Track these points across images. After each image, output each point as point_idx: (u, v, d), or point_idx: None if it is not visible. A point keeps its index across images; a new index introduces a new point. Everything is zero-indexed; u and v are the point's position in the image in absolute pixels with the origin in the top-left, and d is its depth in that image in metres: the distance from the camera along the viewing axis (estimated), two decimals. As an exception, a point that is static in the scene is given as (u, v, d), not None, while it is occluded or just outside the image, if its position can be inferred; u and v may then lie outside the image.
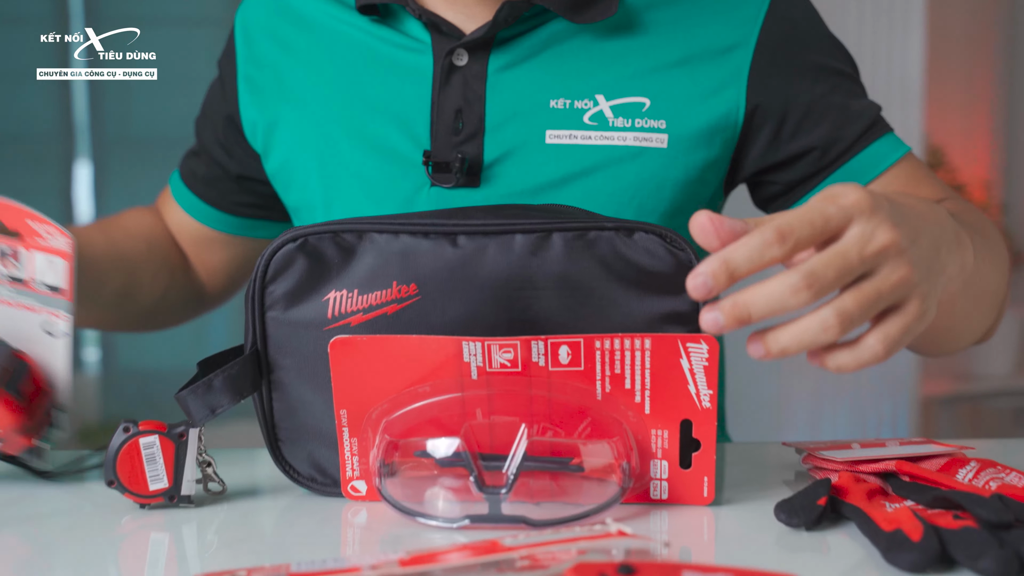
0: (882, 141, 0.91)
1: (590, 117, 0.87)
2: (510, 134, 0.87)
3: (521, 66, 0.87)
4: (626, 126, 0.87)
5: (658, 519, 0.66)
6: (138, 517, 0.68)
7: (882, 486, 0.70)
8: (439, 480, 0.65)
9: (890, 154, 0.90)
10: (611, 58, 0.88)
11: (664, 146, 0.87)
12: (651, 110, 0.87)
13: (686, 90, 0.87)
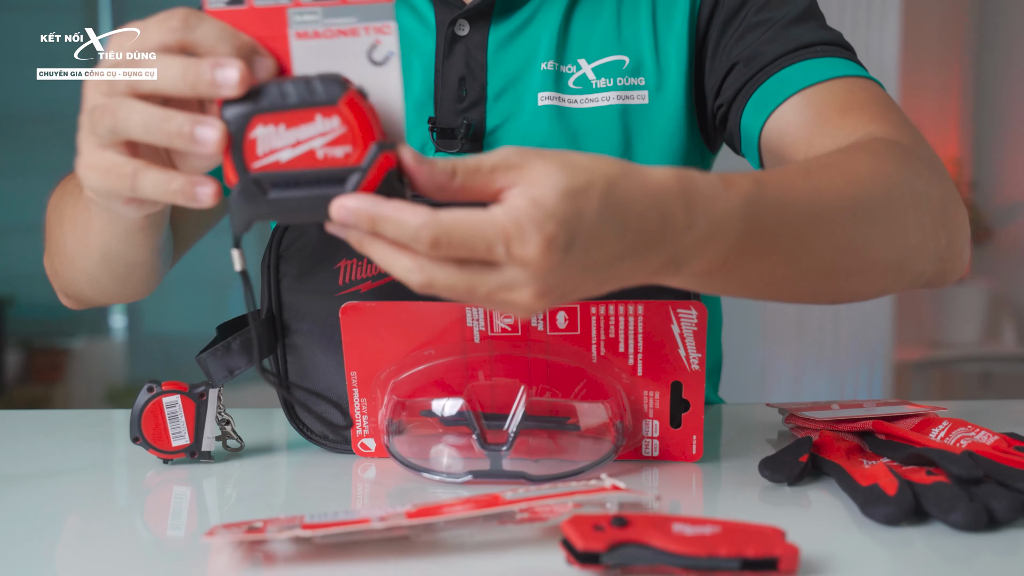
0: (819, 61, 0.78)
1: (574, 81, 0.85)
2: (509, 100, 0.86)
3: (519, 34, 0.86)
4: (608, 86, 0.85)
5: (650, 475, 0.66)
6: (162, 472, 0.68)
7: (860, 444, 0.70)
8: (443, 438, 0.65)
9: (820, 72, 0.77)
10: (591, 18, 0.86)
11: (646, 102, 0.85)
12: (630, 68, 0.85)
13: (656, 42, 0.86)
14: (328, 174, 0.49)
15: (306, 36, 0.52)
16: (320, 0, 0.51)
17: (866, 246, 0.62)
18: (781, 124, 0.77)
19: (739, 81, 0.81)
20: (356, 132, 0.49)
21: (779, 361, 3.16)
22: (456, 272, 0.48)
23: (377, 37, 0.51)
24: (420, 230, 0.47)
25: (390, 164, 0.49)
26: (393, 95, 0.52)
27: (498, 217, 0.47)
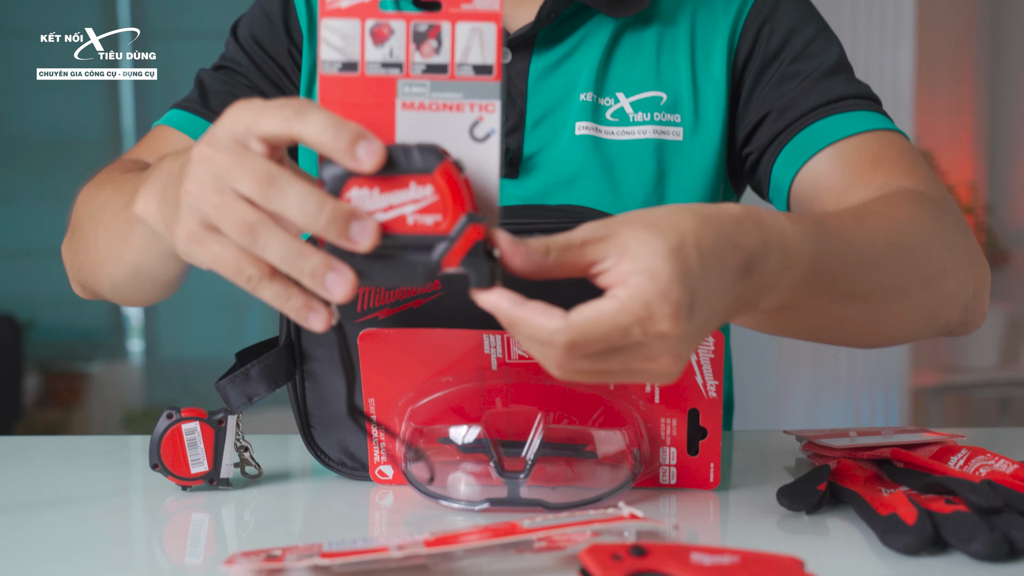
0: (851, 114, 0.82)
1: (612, 113, 0.87)
2: (547, 128, 0.87)
3: (559, 65, 0.88)
4: (645, 120, 0.87)
5: (667, 503, 0.66)
6: (180, 498, 0.68)
7: (878, 472, 0.70)
8: (461, 465, 0.65)
9: (852, 126, 0.81)
10: (632, 53, 0.88)
11: (681, 138, 0.87)
12: (667, 104, 0.87)
13: (695, 83, 0.87)
14: (417, 240, 0.50)
15: (412, 107, 0.53)
16: (430, 74, 0.52)
17: (909, 292, 0.65)
18: (814, 175, 0.81)
19: (773, 131, 0.84)
20: (448, 202, 0.50)
21: (794, 386, 3.15)
22: (595, 361, 0.50)
23: (481, 114, 0.53)
24: (554, 335, 0.48)
25: (478, 236, 0.50)
26: (490, 173, 0.53)
27: (626, 303, 0.49)
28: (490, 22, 0.52)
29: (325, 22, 0.52)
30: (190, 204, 0.51)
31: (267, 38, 0.91)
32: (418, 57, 0.53)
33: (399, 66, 0.53)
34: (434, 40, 0.52)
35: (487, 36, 0.52)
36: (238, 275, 0.51)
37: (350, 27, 0.52)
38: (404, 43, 0.52)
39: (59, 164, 3.60)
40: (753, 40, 0.88)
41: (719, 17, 0.89)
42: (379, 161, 0.49)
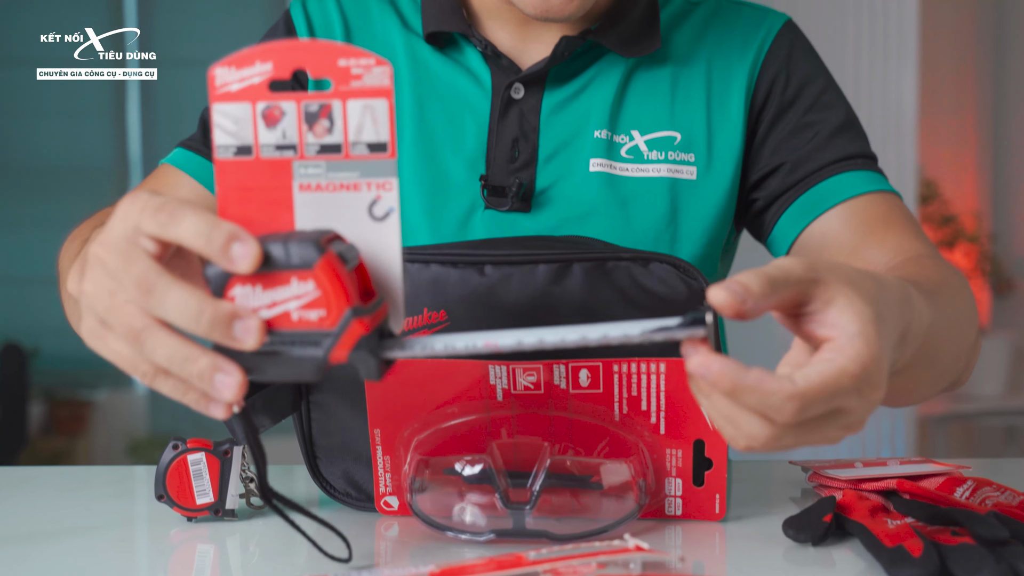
0: (858, 174, 0.86)
1: (627, 151, 0.88)
2: (560, 163, 0.87)
3: (571, 101, 0.88)
4: (659, 158, 0.88)
5: (673, 534, 0.66)
6: (185, 529, 0.68)
7: (884, 503, 0.69)
8: (466, 496, 0.65)
9: (861, 185, 0.85)
10: (646, 91, 0.89)
11: (694, 178, 0.88)
12: (681, 144, 0.88)
13: (709, 124, 0.88)
14: (303, 336, 0.50)
15: (309, 188, 0.52)
16: (324, 154, 0.52)
17: (957, 358, 0.72)
18: (825, 229, 0.85)
19: (786, 183, 0.87)
20: (330, 296, 0.49)
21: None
22: (804, 430, 0.49)
23: (379, 193, 0.52)
24: (786, 403, 0.47)
25: (363, 330, 0.50)
26: (391, 251, 0.52)
27: (847, 367, 0.48)
28: (381, 98, 0.52)
29: (216, 107, 0.52)
30: (88, 303, 0.51)
31: None
32: (311, 138, 0.52)
33: (293, 147, 0.52)
34: (326, 120, 0.52)
35: (379, 113, 0.52)
36: (134, 370, 0.51)
37: (241, 111, 0.52)
38: (296, 124, 0.52)
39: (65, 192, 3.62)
40: (770, 86, 0.89)
41: (735, 62, 0.90)
42: (254, 261, 0.48)
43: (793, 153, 0.88)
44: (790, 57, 0.90)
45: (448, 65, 0.90)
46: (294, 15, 0.93)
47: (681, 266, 0.68)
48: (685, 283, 0.68)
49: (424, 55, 0.90)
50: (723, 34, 0.91)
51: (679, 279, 0.68)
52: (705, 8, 0.93)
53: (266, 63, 0.52)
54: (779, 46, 0.90)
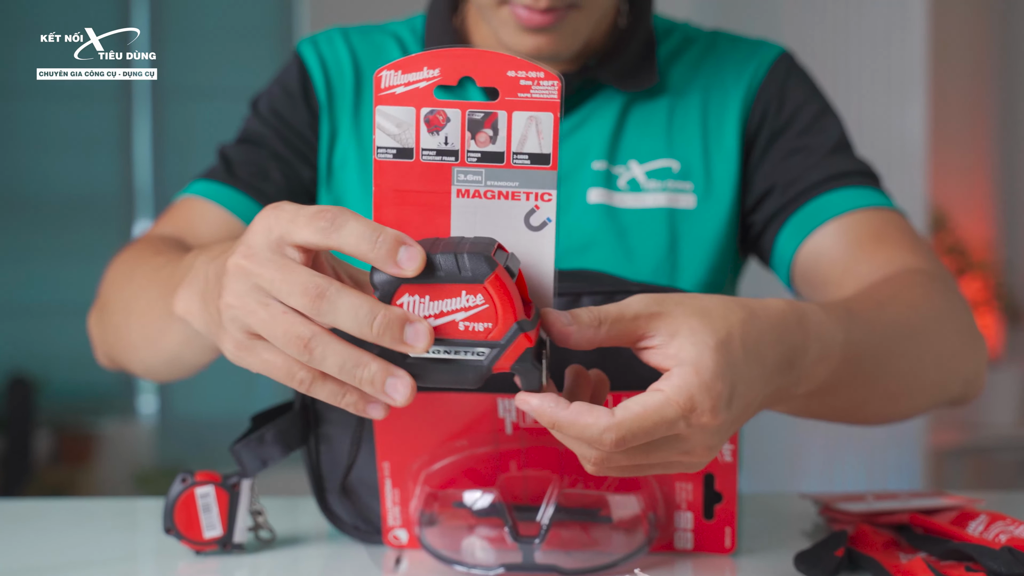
0: (853, 189, 0.86)
1: (626, 182, 0.89)
2: (559, 196, 0.88)
3: (571, 134, 0.89)
4: (657, 188, 0.89)
5: (683, 568, 0.66)
6: (193, 563, 0.68)
7: (896, 538, 0.69)
8: (476, 529, 0.65)
9: (854, 201, 0.85)
10: (644, 123, 0.90)
11: (692, 206, 0.89)
12: (680, 173, 0.89)
13: (706, 152, 0.89)
14: (468, 345, 0.51)
15: (467, 195, 0.53)
16: (485, 162, 0.52)
17: (923, 372, 0.71)
18: (818, 247, 0.85)
19: (778, 203, 0.88)
20: (498, 310, 0.50)
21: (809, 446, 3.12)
22: (635, 455, 0.52)
23: (537, 203, 0.53)
24: (604, 434, 0.50)
25: (528, 343, 0.51)
26: (545, 261, 0.53)
27: (672, 397, 0.50)
28: (548, 112, 0.52)
29: (380, 109, 0.52)
30: (233, 316, 0.51)
31: (288, 111, 0.92)
32: (473, 145, 0.52)
33: (454, 154, 0.52)
34: (490, 129, 0.52)
35: (544, 126, 0.52)
36: (290, 379, 0.51)
37: (405, 114, 0.52)
38: (459, 131, 0.52)
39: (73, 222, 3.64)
40: (763, 111, 0.90)
41: (729, 90, 0.91)
42: (420, 265, 0.49)
43: (786, 175, 0.88)
44: (784, 84, 0.91)
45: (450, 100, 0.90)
46: (305, 55, 0.93)
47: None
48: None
49: None
50: (718, 64, 0.92)
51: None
52: (701, 43, 0.94)
53: (434, 68, 0.52)
54: (774, 74, 0.92)
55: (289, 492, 0.96)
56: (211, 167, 0.93)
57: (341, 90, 0.93)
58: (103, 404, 3.63)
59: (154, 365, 0.79)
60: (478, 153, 0.52)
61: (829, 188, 0.86)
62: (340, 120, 0.92)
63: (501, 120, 0.52)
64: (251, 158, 0.91)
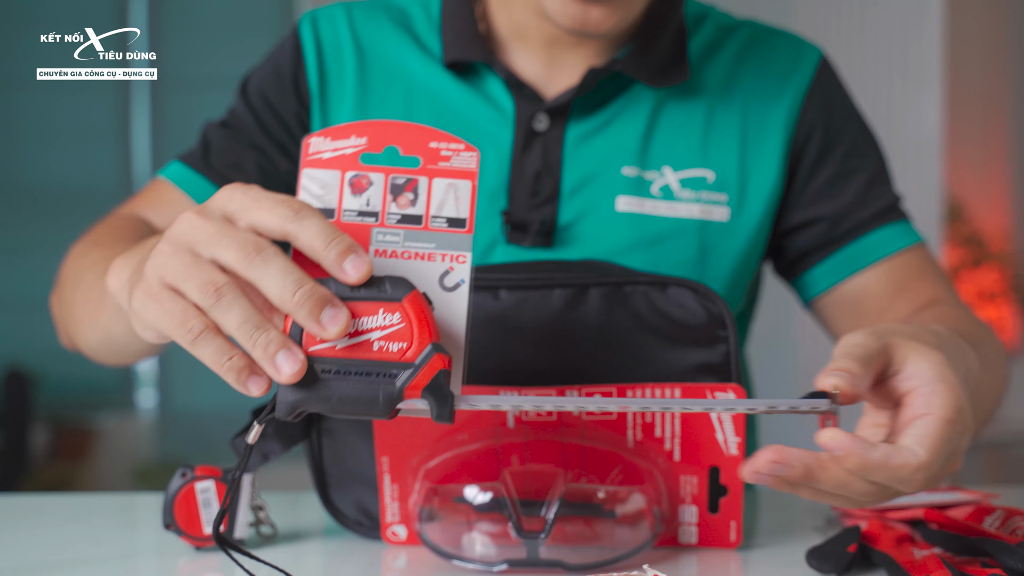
0: (895, 226, 0.90)
1: (658, 189, 0.87)
2: (584, 199, 0.86)
3: (597, 134, 0.87)
4: (691, 198, 0.87)
5: (688, 563, 0.66)
6: (194, 559, 0.68)
7: (911, 533, 0.69)
8: (477, 525, 0.65)
9: (898, 240, 0.89)
10: (678, 125, 0.88)
11: (726, 219, 0.88)
12: (715, 184, 0.88)
13: (743, 163, 0.88)
14: (380, 367, 0.51)
15: (384, 255, 0.55)
16: (404, 224, 0.55)
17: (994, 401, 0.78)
18: (862, 287, 0.89)
19: (822, 237, 0.90)
20: (414, 330, 0.51)
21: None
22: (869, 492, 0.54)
23: (452, 264, 0.55)
24: (916, 474, 0.53)
25: (443, 365, 0.51)
26: (457, 321, 0.55)
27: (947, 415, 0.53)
28: (466, 180, 0.56)
29: (306, 172, 0.55)
30: (156, 263, 0.52)
31: (276, 96, 0.91)
32: (394, 207, 0.56)
33: (375, 215, 0.56)
34: (411, 192, 0.56)
35: (462, 192, 0.56)
36: (181, 328, 0.51)
37: (330, 177, 0.56)
38: (382, 194, 0.56)
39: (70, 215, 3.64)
40: (809, 129, 0.90)
41: (772, 98, 0.89)
42: (365, 274, 0.51)
43: (832, 205, 0.89)
44: (830, 99, 0.91)
45: (468, 94, 0.88)
46: (303, 34, 0.91)
47: (699, 290, 0.68)
48: (704, 307, 0.68)
49: (443, 83, 0.89)
50: (759, 67, 0.90)
51: (697, 303, 0.68)
52: (739, 37, 0.92)
53: (361, 137, 0.56)
54: (819, 86, 0.90)
55: (290, 487, 0.96)
56: (192, 148, 0.93)
57: (338, 79, 0.91)
58: (102, 398, 3.64)
59: (93, 343, 0.79)
60: (398, 215, 0.55)
61: (874, 227, 0.89)
62: (335, 112, 0.90)
63: (422, 185, 0.56)
64: (229, 145, 0.91)
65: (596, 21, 0.80)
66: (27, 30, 3.50)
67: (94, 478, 3.53)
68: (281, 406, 0.52)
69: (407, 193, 0.56)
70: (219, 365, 0.51)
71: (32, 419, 3.40)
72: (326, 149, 0.56)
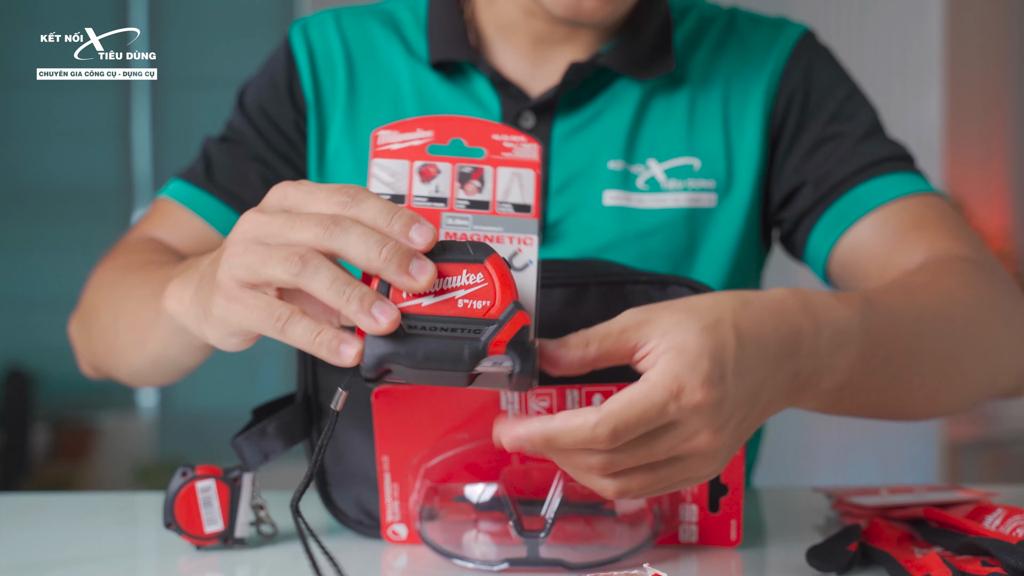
0: (889, 177, 0.83)
1: (644, 181, 0.86)
2: (572, 195, 0.86)
3: (583, 129, 0.87)
4: (678, 188, 0.86)
5: (688, 562, 0.66)
6: (194, 558, 0.68)
7: (911, 532, 0.69)
8: (478, 524, 0.65)
9: (891, 190, 0.83)
10: (663, 117, 0.88)
11: (714, 205, 0.87)
12: (701, 171, 0.87)
13: (728, 147, 0.88)
14: (465, 323, 0.52)
15: (454, 237, 0.57)
16: (472, 209, 0.58)
17: (964, 364, 0.69)
18: (856, 242, 0.83)
19: (810, 199, 0.86)
20: (497, 288, 0.53)
21: (823, 440, 3.12)
22: (637, 449, 0.52)
23: (519, 246, 0.58)
24: (596, 429, 0.51)
25: (525, 321, 0.52)
26: (528, 299, 0.57)
27: (656, 381, 0.51)
28: (529, 169, 0.59)
29: (376, 162, 0.58)
30: (231, 264, 0.53)
31: (274, 108, 0.91)
32: (462, 194, 0.58)
33: (444, 200, 0.58)
34: (477, 180, 0.58)
35: (526, 180, 0.59)
36: (269, 318, 0.53)
37: (399, 166, 0.58)
38: (450, 182, 0.58)
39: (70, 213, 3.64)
40: (788, 100, 0.88)
41: (751, 78, 0.89)
42: (431, 240, 0.52)
43: (817, 168, 0.86)
44: (809, 69, 0.89)
45: (455, 93, 0.88)
46: (294, 43, 0.91)
47: (699, 289, 0.68)
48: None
49: (430, 84, 0.89)
50: (739, 52, 0.90)
51: (696, 301, 0.68)
52: (719, 25, 0.91)
53: (427, 131, 0.59)
54: (797, 59, 0.89)
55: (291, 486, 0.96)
56: (192, 164, 0.92)
57: (331, 86, 0.90)
58: (102, 398, 3.64)
59: (139, 367, 0.79)
60: (466, 201, 0.58)
61: (864, 179, 0.84)
62: (330, 117, 0.90)
63: (487, 174, 0.59)
64: (231, 159, 0.91)
65: (590, 10, 0.79)
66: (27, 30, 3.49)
67: (94, 477, 3.53)
68: (368, 359, 0.52)
69: (474, 181, 0.58)
70: (310, 343, 0.52)
71: (32, 419, 3.40)
72: (394, 141, 0.59)
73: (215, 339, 0.58)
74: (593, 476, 0.54)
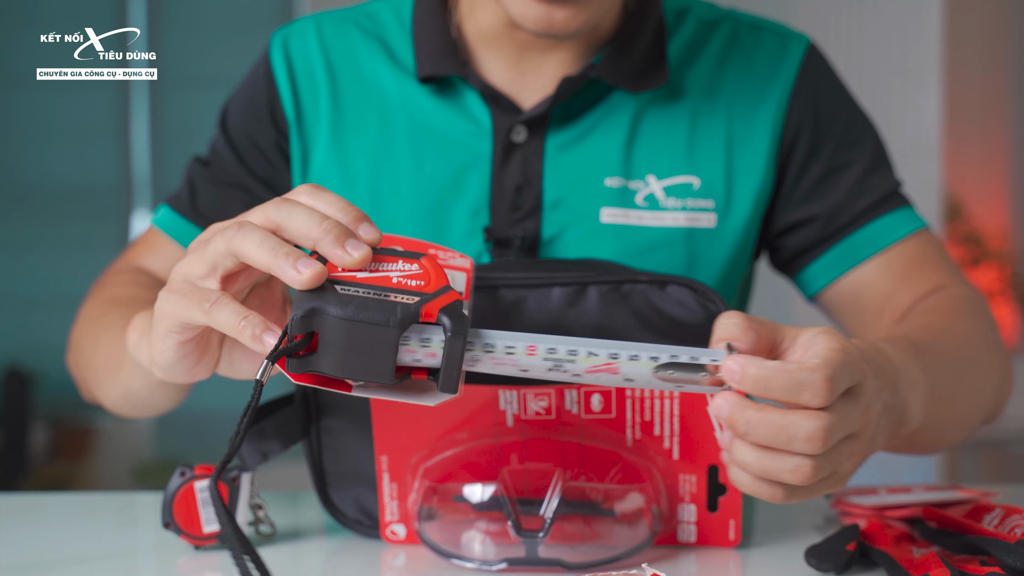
0: (893, 215, 0.86)
1: (643, 198, 0.85)
2: (566, 210, 0.84)
3: (577, 143, 0.85)
4: (677, 207, 0.85)
5: (687, 562, 0.66)
6: (193, 558, 0.68)
7: (909, 532, 0.69)
8: (477, 524, 0.65)
9: (896, 230, 0.86)
10: (661, 132, 0.86)
11: (713, 225, 0.86)
12: (701, 190, 0.85)
13: (729, 167, 0.86)
14: (399, 292, 0.53)
15: None
16: None
17: (972, 396, 0.77)
18: (861, 280, 0.87)
19: (817, 234, 0.88)
20: (431, 275, 0.54)
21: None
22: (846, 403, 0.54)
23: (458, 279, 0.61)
24: (815, 374, 0.52)
25: (459, 296, 0.53)
26: None
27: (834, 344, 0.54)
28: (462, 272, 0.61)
29: None
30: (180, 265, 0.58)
31: (254, 129, 0.89)
32: None
33: None
34: None
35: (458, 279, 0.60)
36: (199, 303, 0.56)
37: None
38: None
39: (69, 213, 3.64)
40: (798, 124, 0.87)
41: (756, 97, 0.87)
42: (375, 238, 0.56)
43: (825, 200, 0.87)
44: (817, 92, 0.88)
45: (444, 108, 0.85)
46: (273, 59, 0.89)
47: (699, 289, 0.68)
48: (703, 306, 0.68)
49: (418, 99, 0.86)
50: (744, 68, 0.87)
51: (696, 302, 0.68)
52: (721, 34, 0.88)
53: None
54: (804, 79, 0.87)
55: (290, 486, 0.96)
56: (178, 191, 0.92)
57: (313, 103, 0.88)
58: (102, 398, 3.64)
59: (115, 400, 0.82)
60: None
61: (871, 219, 0.87)
62: (313, 136, 0.88)
63: None
64: (214, 188, 0.90)
65: (562, 22, 0.76)
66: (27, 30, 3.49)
67: (94, 477, 3.53)
68: (297, 310, 0.52)
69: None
70: (236, 327, 0.54)
71: (32, 418, 3.40)
72: None
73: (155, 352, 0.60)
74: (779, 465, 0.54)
